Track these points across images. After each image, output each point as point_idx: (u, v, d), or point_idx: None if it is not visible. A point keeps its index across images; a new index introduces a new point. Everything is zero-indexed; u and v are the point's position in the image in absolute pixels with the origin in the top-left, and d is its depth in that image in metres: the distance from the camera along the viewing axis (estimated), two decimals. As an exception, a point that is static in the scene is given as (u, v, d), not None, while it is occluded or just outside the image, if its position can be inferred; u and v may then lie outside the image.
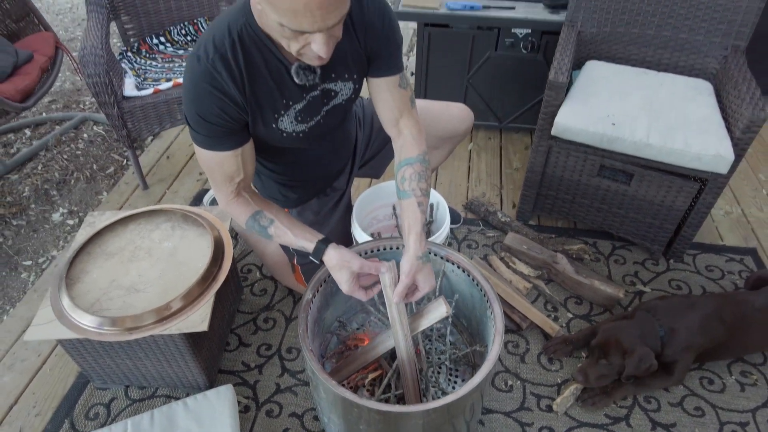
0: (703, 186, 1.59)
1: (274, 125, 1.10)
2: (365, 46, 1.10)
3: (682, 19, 1.77)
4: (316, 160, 1.32)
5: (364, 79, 1.20)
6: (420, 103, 1.56)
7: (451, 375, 1.39)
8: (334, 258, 1.10)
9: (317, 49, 0.88)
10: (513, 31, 2.06)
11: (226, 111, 1.00)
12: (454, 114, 1.54)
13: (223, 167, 1.08)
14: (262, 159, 1.30)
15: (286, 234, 1.13)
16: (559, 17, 1.99)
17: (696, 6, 1.73)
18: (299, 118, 1.12)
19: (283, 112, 1.09)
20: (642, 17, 1.81)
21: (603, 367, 1.36)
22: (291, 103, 1.09)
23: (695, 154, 1.50)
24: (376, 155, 1.55)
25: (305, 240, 1.12)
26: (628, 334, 1.37)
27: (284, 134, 1.13)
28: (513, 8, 2.05)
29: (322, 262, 1.13)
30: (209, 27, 1.00)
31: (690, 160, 1.51)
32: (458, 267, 1.29)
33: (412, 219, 1.13)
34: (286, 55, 1.02)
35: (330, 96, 1.15)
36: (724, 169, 1.50)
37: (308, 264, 1.45)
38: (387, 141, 1.53)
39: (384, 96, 1.18)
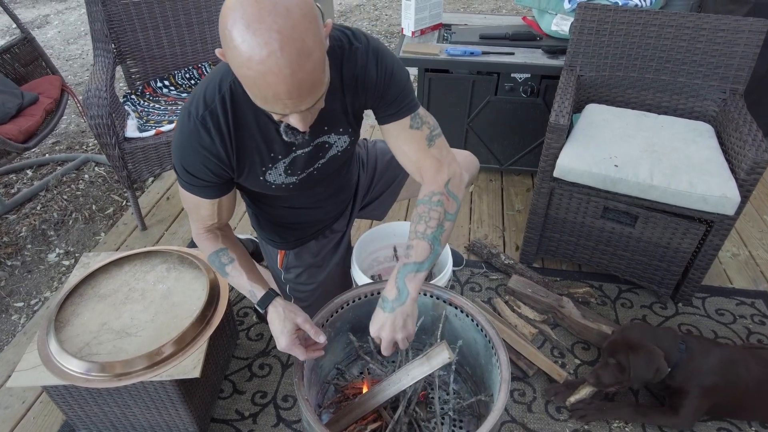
0: (709, 228, 1.57)
1: (261, 178, 1.09)
2: (363, 100, 1.06)
3: (680, 64, 1.80)
4: (312, 205, 1.30)
5: (361, 127, 1.17)
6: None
7: (455, 426, 1.32)
8: (281, 307, 1.08)
9: (294, 124, 0.87)
10: (512, 75, 2.08)
11: (209, 168, 1.01)
12: (460, 161, 1.53)
13: (199, 210, 1.10)
14: (257, 203, 1.29)
15: (242, 275, 1.11)
16: (558, 62, 2.02)
17: (693, 51, 1.76)
18: (289, 171, 1.11)
19: (270, 166, 1.08)
20: (640, 62, 1.84)
21: (613, 368, 1.31)
22: (280, 157, 1.07)
23: (700, 196, 1.48)
24: (378, 197, 1.52)
25: (258, 284, 1.11)
26: (640, 335, 1.31)
27: (273, 186, 1.12)
28: (512, 54, 2.08)
29: (265, 314, 1.10)
30: (203, 80, 1.01)
31: (695, 201, 1.50)
32: (461, 311, 1.25)
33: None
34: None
35: (324, 149, 1.12)
36: (730, 210, 1.48)
37: (307, 307, 1.41)
38: (390, 183, 1.51)
39: (397, 142, 1.10)
